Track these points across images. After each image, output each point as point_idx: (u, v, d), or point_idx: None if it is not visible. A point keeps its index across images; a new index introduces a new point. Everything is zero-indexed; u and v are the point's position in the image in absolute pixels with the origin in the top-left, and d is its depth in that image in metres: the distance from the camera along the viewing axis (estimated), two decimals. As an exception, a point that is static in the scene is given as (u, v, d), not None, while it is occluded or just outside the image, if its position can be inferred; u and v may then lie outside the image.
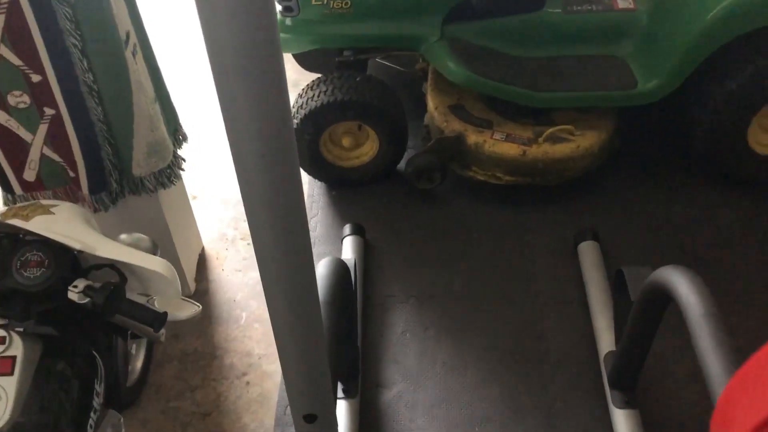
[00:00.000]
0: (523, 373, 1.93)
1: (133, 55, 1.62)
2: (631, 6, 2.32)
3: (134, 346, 1.92)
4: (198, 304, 1.43)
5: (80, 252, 1.34)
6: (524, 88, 2.23)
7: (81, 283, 1.31)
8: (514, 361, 1.96)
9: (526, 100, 2.24)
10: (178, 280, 1.38)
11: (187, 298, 1.44)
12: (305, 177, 2.48)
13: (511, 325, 2.04)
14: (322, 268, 1.42)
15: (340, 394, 1.82)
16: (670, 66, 2.18)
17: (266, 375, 1.97)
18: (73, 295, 1.30)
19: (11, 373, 1.26)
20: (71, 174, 1.74)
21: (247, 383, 1.95)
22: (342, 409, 1.79)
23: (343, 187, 2.48)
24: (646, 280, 1.54)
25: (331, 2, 2.24)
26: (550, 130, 2.27)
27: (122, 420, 1.52)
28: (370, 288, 2.16)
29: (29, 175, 1.74)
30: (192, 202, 2.28)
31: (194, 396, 1.93)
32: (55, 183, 1.75)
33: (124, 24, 1.56)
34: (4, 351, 1.27)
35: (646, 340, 1.66)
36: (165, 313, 1.32)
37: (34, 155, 1.70)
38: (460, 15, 2.29)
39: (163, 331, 1.70)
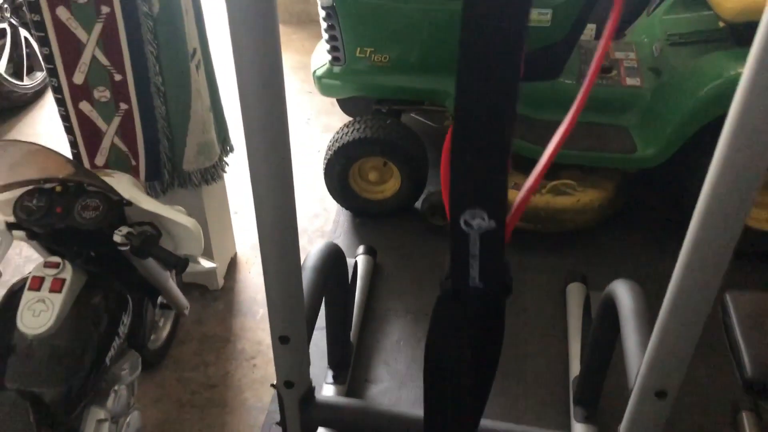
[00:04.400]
0: (500, 388, 2.12)
1: (197, 68, 1.99)
2: (638, 83, 2.60)
3: (162, 319, 2.21)
4: (214, 263, 1.72)
5: (129, 204, 1.65)
6: (531, 142, 2.51)
7: (125, 229, 1.62)
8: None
9: (532, 153, 2.51)
10: (202, 237, 1.68)
11: (207, 259, 1.73)
12: (334, 205, 2.79)
13: (495, 346, 2.24)
14: (317, 245, 1.70)
15: (329, 380, 2.06)
16: (666, 136, 2.43)
17: (271, 361, 2.20)
18: (117, 237, 1.61)
19: (60, 291, 1.56)
20: (133, 162, 2.09)
21: (254, 366, 2.20)
22: (330, 393, 2.02)
23: (366, 217, 2.78)
24: (600, 297, 1.76)
25: (373, 56, 2.61)
26: (554, 182, 2.53)
27: (140, 359, 1.79)
28: (374, 302, 2.41)
29: (99, 160, 2.10)
30: (233, 216, 2.61)
31: (206, 371, 2.19)
32: (118, 169, 2.10)
33: (192, 41, 1.94)
34: (57, 273, 1.58)
35: (605, 355, 1.83)
36: (186, 259, 1.61)
37: (106, 143, 2.07)
38: (483, 77, 2.62)
39: (187, 306, 2.01)
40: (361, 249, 2.54)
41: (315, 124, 3.39)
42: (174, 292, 1.93)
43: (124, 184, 1.73)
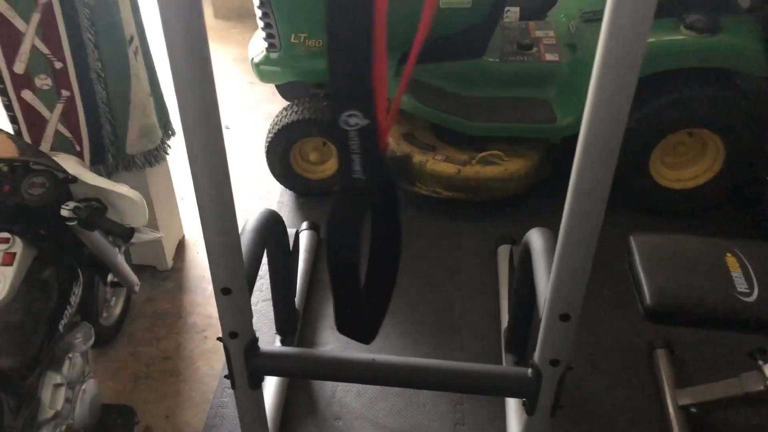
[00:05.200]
0: (437, 341, 2.27)
1: (135, 54, 2.09)
2: (556, 58, 2.79)
3: (114, 298, 2.29)
4: (161, 233, 1.83)
5: (74, 181, 1.75)
6: (459, 117, 2.67)
7: (71, 204, 1.71)
8: (431, 333, 2.31)
9: (461, 127, 2.68)
10: (147, 209, 1.78)
11: (152, 229, 1.84)
12: (278, 186, 2.91)
13: (433, 305, 2.40)
14: (257, 212, 1.82)
15: (278, 344, 2.18)
16: (582, 106, 2.60)
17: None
18: (64, 211, 1.70)
19: (11, 264, 1.64)
20: (77, 148, 2.18)
21: (205, 337, 2.31)
22: (278, 355, 2.14)
23: (309, 196, 2.90)
24: (519, 247, 1.92)
25: (307, 41, 2.73)
26: (482, 154, 2.69)
27: (92, 330, 1.88)
28: (318, 273, 2.53)
29: (44, 147, 2.17)
30: (180, 202, 2.71)
31: (159, 344, 2.29)
32: (64, 154, 2.19)
33: (129, 28, 2.04)
34: (8, 248, 1.66)
35: (528, 301, 1.99)
36: (132, 229, 1.71)
37: (50, 130, 2.14)
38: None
39: (138, 283, 2.10)
40: (304, 225, 2.67)
41: (257, 111, 3.50)
42: (123, 268, 2.02)
43: (69, 163, 1.82)
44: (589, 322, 2.32)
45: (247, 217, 1.79)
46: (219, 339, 1.61)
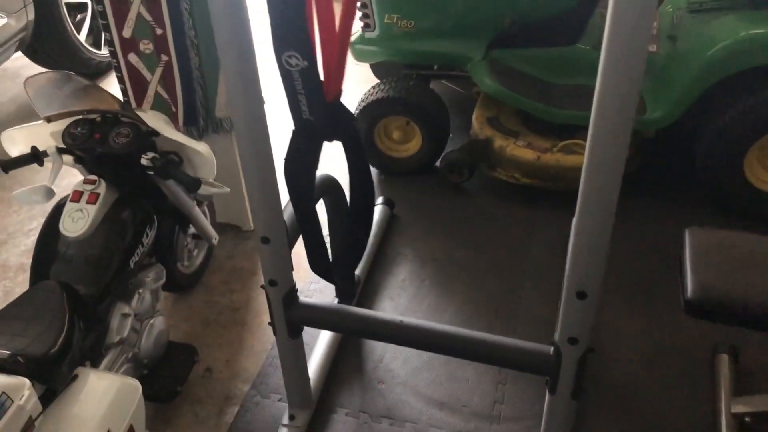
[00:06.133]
0: (493, 322, 2.29)
1: (227, 24, 2.26)
2: (654, 49, 2.69)
3: (196, 250, 2.50)
4: (227, 188, 1.99)
5: (156, 134, 1.93)
6: (544, 104, 2.65)
7: (150, 154, 1.90)
8: (488, 312, 2.32)
9: (545, 114, 2.65)
10: (215, 162, 1.94)
11: (219, 184, 2.00)
12: (362, 162, 3.02)
13: (495, 288, 2.41)
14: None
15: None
16: (674, 98, 2.52)
17: (288, 292, 2.46)
18: (144, 160, 1.90)
19: (95, 203, 1.86)
20: (173, 109, 2.39)
21: (273, 294, 2.46)
22: (334, 317, 2.24)
23: (390, 174, 2.99)
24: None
25: (399, 22, 2.81)
26: (565, 142, 2.66)
27: (164, 271, 2.07)
28: (386, 247, 2.62)
29: (146, 107, 2.41)
30: (271, 169, 2.88)
31: (231, 296, 2.46)
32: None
33: None
34: (94, 189, 1.88)
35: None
36: (199, 180, 1.87)
37: (150, 91, 2.37)
38: (503, 42, 2.78)
39: (216, 237, 2.28)
40: (379, 200, 2.75)
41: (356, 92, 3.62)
42: (200, 221, 2.21)
43: (156, 120, 2.02)
44: (654, 323, 2.25)
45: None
46: (261, 286, 1.74)
